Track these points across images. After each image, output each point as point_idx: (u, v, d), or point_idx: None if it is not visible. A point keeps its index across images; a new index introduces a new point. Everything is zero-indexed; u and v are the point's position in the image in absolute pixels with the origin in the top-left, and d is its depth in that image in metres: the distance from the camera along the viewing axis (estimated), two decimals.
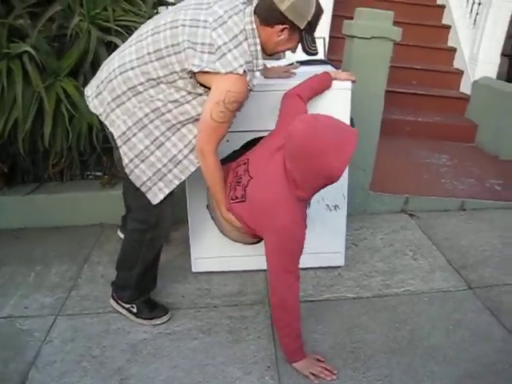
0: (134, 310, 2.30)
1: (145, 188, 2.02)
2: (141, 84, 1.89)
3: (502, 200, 3.50)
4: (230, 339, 2.22)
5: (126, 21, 2.85)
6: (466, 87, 4.90)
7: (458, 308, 2.44)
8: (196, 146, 1.96)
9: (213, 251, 2.56)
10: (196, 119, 1.96)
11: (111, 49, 2.79)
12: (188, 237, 2.59)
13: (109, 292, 2.39)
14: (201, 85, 1.88)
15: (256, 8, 1.87)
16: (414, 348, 2.18)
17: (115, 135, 1.96)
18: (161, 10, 3.31)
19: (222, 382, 1.99)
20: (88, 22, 2.71)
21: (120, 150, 1.98)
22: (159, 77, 1.86)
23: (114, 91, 1.92)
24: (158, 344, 2.18)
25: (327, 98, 2.37)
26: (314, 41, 1.96)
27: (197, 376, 2.01)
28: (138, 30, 2.00)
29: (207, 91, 1.89)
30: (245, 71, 1.81)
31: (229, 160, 2.21)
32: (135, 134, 1.94)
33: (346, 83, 2.40)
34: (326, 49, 2.91)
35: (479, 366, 2.08)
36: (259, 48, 1.89)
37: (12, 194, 3.06)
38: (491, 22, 4.56)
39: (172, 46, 1.82)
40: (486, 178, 3.81)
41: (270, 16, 1.85)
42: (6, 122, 2.69)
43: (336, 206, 2.60)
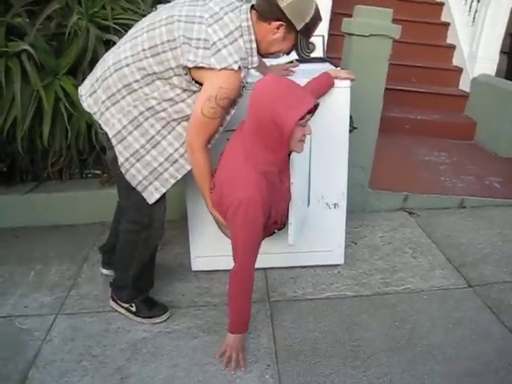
0: (133, 309, 2.30)
1: (141, 187, 2.01)
2: (136, 81, 1.88)
3: (501, 197, 3.51)
4: None
5: (125, 19, 2.85)
6: (465, 85, 4.89)
7: (457, 306, 2.44)
8: (186, 140, 1.96)
9: (212, 250, 2.56)
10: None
11: (110, 47, 2.76)
12: (187, 235, 2.58)
13: (108, 291, 2.39)
14: (195, 82, 1.87)
15: (255, 3, 1.87)
16: (414, 346, 2.18)
17: (110, 134, 1.95)
18: (159, 7, 3.30)
19: (222, 381, 1.99)
20: (86, 21, 2.71)
21: (115, 149, 1.97)
22: (155, 72, 1.86)
23: (109, 89, 1.91)
24: (158, 343, 2.18)
25: (327, 97, 2.36)
26: (309, 46, 1.97)
27: (197, 375, 2.01)
28: (132, 28, 2.00)
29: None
30: (240, 67, 1.81)
31: None
32: (131, 133, 1.93)
33: (345, 82, 2.39)
34: (325, 47, 2.91)
35: (479, 364, 2.08)
36: (254, 45, 1.88)
37: (11, 193, 3.06)
38: (490, 20, 4.55)
39: (168, 41, 1.82)
40: (485, 175, 3.81)
41: (268, 10, 1.84)
42: (5, 120, 2.69)
43: (335, 204, 2.60)
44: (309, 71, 2.37)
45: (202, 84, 1.87)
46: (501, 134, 4.27)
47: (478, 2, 4.79)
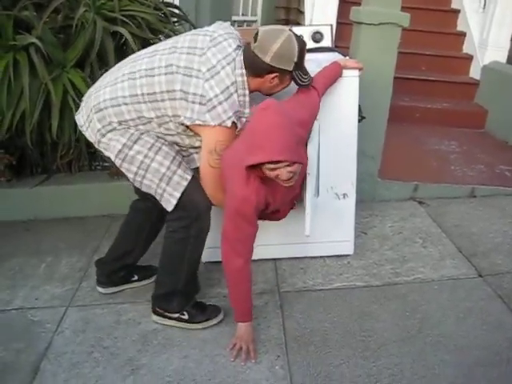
0: (185, 317, 2.22)
1: (158, 196, 2.02)
2: (132, 120, 1.95)
3: None
4: None
5: (132, 10, 2.84)
6: (475, 72, 4.84)
7: (468, 296, 2.43)
8: (214, 202, 2.05)
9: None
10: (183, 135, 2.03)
11: (117, 39, 2.79)
12: None
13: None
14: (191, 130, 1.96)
15: (244, 62, 1.92)
16: (425, 336, 2.17)
17: (112, 157, 1.99)
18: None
19: (232, 372, 1.99)
20: (93, 13, 2.70)
21: (122, 169, 2.01)
22: (151, 117, 1.93)
23: (104, 119, 1.96)
24: (169, 334, 2.18)
25: (335, 86, 2.35)
26: (305, 71, 2.01)
27: (207, 366, 2.02)
28: (129, 61, 2.02)
29: (196, 134, 1.98)
30: (234, 122, 1.89)
31: None
32: (131, 148, 1.96)
33: (354, 71, 2.38)
34: (334, 36, 2.89)
35: (490, 354, 2.07)
36: (247, 99, 1.95)
37: (21, 185, 3.07)
38: (501, 6, 4.49)
39: (167, 92, 1.88)
40: (496, 164, 3.78)
41: (257, 69, 1.91)
42: (14, 114, 2.69)
43: (345, 195, 2.58)
44: (317, 61, 2.34)
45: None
46: None
47: None
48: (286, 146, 1.70)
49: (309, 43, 2.17)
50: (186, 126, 1.94)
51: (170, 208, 2.02)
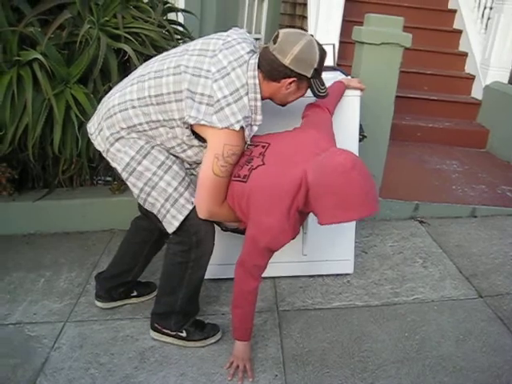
0: (183, 335, 2.20)
1: (161, 216, 1.97)
2: (140, 124, 1.89)
3: None
4: None
5: (136, 28, 2.87)
6: (477, 92, 4.86)
7: (468, 317, 2.42)
8: (199, 208, 1.91)
9: (222, 258, 2.55)
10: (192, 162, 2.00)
11: (120, 56, 2.81)
12: None
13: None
14: (196, 137, 1.87)
15: (259, 64, 1.84)
16: (424, 358, 2.16)
17: (119, 169, 1.95)
18: (170, 16, 3.32)
19: None
20: (98, 29, 2.72)
21: (127, 183, 1.96)
22: (159, 120, 1.87)
23: (113, 127, 1.92)
24: (166, 352, 2.17)
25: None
26: (323, 82, 1.93)
27: None
28: (140, 67, 2.01)
29: (202, 145, 1.89)
30: (242, 127, 1.78)
31: None
32: (140, 163, 1.91)
33: (355, 90, 2.39)
34: (336, 55, 2.91)
35: (490, 377, 2.05)
36: (259, 104, 1.86)
37: (22, 199, 3.07)
38: (503, 27, 4.53)
39: (174, 92, 1.82)
40: (497, 184, 3.78)
41: (274, 71, 1.82)
42: (17, 128, 2.71)
43: None
44: None
45: (202, 139, 1.86)
46: None
47: (491, 9, 4.78)
48: (377, 199, 1.71)
49: None
50: (192, 132, 1.85)
51: (171, 230, 1.98)
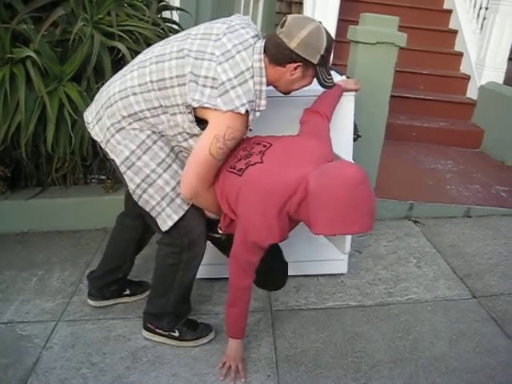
0: (176, 334, 2.19)
1: (154, 213, 1.93)
2: (141, 111, 1.84)
3: (508, 207, 3.47)
4: None
5: (130, 26, 2.85)
6: (472, 92, 4.87)
7: (461, 317, 2.42)
8: (184, 186, 1.85)
9: (214, 257, 2.53)
10: None
11: (114, 53, 2.79)
12: None
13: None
14: (198, 123, 1.81)
15: (265, 47, 1.79)
16: (417, 358, 2.15)
17: (118, 162, 1.89)
18: (165, 14, 3.31)
19: None
20: (91, 27, 2.70)
21: (124, 177, 1.91)
22: (161, 106, 1.81)
23: (114, 116, 1.86)
24: (159, 351, 2.16)
25: None
26: (329, 72, 1.88)
27: None
28: (140, 54, 1.95)
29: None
30: (247, 111, 1.74)
31: None
32: (140, 158, 1.86)
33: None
34: (332, 54, 2.89)
35: (483, 377, 2.05)
36: (264, 88, 1.80)
37: (15, 198, 3.05)
38: (498, 27, 4.52)
39: (177, 77, 1.76)
40: (491, 184, 3.78)
41: (280, 55, 1.77)
42: (9, 126, 2.69)
43: None
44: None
45: (203, 125, 1.80)
46: (508, 142, 4.24)
47: (487, 9, 4.78)
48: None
49: None
50: (195, 118, 1.80)
51: (164, 228, 1.95)
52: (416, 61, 4.96)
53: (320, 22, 1.81)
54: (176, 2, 3.88)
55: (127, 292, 2.46)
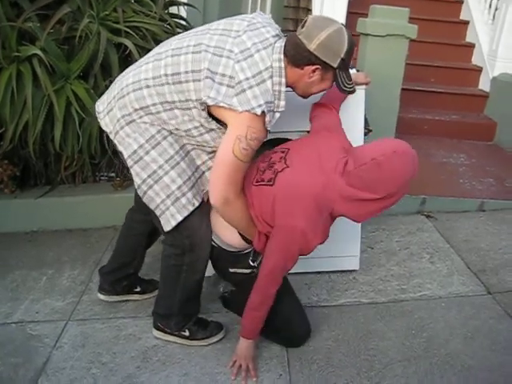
0: (186, 334, 2.16)
1: (158, 211, 1.90)
2: (154, 105, 1.79)
3: None
4: None
5: (136, 22, 2.82)
6: (484, 84, 4.79)
7: (476, 314, 2.38)
8: (214, 195, 1.79)
9: None
10: (210, 149, 1.89)
11: (121, 50, 2.77)
12: None
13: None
14: (213, 119, 1.77)
15: (285, 48, 1.74)
16: (431, 356, 2.12)
17: (125, 154, 1.86)
18: (172, 10, 3.28)
19: None
20: (98, 24, 2.68)
21: (131, 171, 1.88)
22: (174, 101, 1.77)
23: (125, 108, 1.83)
24: (169, 351, 2.15)
25: None
26: (350, 77, 1.83)
27: None
28: (157, 46, 1.91)
29: (221, 128, 1.80)
30: (263, 112, 1.68)
31: None
32: (148, 152, 1.83)
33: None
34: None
35: (499, 376, 2.01)
36: (283, 89, 1.75)
37: (24, 197, 3.05)
38: (511, 17, 4.44)
39: (192, 71, 1.71)
40: (505, 177, 3.73)
41: (298, 56, 1.72)
42: (17, 125, 2.68)
43: None
44: None
45: (220, 122, 1.76)
46: None
47: None
48: None
49: None
50: (209, 114, 1.75)
51: (167, 228, 1.91)
52: (427, 53, 4.90)
53: (342, 24, 1.76)
54: None
55: (138, 289, 2.45)
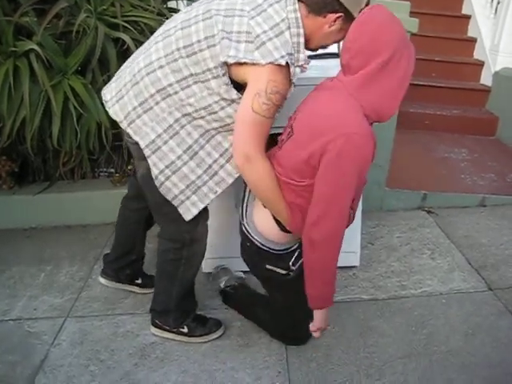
0: (185, 330, 2.15)
1: (177, 202, 1.85)
2: (170, 85, 1.72)
3: None
4: (241, 343, 2.17)
5: (134, 16, 2.79)
6: (486, 79, 4.76)
7: (477, 310, 2.36)
8: (235, 153, 1.67)
9: (224, 251, 2.51)
10: (232, 128, 1.77)
11: (119, 45, 2.74)
12: None
13: (119, 293, 2.37)
14: (235, 87, 1.69)
15: None
16: (431, 353, 2.11)
17: (142, 144, 1.79)
18: (170, 4, 3.25)
19: None
20: (95, 18, 2.65)
21: (149, 161, 1.80)
22: (191, 74, 1.68)
23: (141, 94, 1.76)
24: (167, 348, 2.14)
25: None
26: None
27: (206, 381, 1.97)
28: (162, 25, 1.85)
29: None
30: (287, 63, 1.59)
31: None
32: (166, 142, 1.76)
33: None
34: (341, 42, 2.82)
35: (500, 373, 2.00)
36: (302, 40, 1.66)
37: (23, 193, 3.04)
38: None
39: (205, 38, 1.64)
40: (507, 172, 3.70)
41: (321, 3, 1.63)
42: (14, 121, 2.66)
43: None
44: (322, 68, 2.29)
45: (242, 88, 1.68)
46: None
47: None
48: None
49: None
50: (230, 81, 1.67)
51: (188, 217, 1.86)
52: (428, 47, 4.84)
53: None
54: None
55: (139, 281, 2.45)
